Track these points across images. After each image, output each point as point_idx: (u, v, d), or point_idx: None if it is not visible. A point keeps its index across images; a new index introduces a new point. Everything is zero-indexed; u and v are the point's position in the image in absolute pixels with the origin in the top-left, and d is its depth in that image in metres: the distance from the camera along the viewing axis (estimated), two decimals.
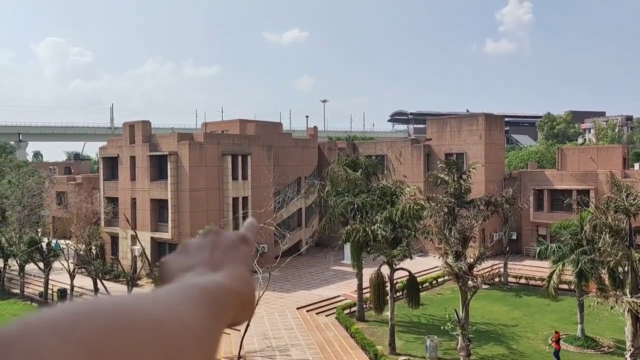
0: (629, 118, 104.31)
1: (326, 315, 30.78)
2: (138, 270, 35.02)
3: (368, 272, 28.14)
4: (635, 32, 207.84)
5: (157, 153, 39.67)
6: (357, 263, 29.81)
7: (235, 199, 39.76)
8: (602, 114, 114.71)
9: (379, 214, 27.99)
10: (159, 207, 39.98)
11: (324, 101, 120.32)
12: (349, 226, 28.91)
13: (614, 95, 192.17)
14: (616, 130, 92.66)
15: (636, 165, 49.01)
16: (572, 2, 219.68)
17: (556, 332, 24.92)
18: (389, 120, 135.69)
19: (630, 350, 21.40)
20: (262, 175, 40.37)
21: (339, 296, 33.71)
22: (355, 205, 30.15)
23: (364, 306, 30.43)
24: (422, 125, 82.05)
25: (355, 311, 30.68)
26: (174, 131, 56.39)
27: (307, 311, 31.11)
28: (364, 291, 30.03)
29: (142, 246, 33.66)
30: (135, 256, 38.23)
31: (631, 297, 20.71)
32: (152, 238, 39.47)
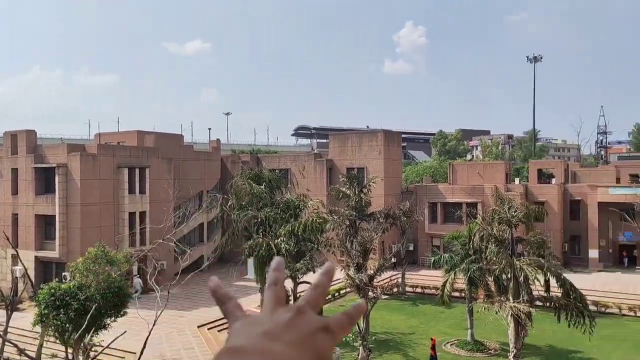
0: (510, 137, 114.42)
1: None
2: (19, 293, 31.83)
3: None
4: (515, 56, 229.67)
5: (44, 165, 36.64)
6: (261, 278, 29.51)
7: (132, 214, 37.74)
8: (488, 132, 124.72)
9: (282, 227, 28.00)
10: (44, 223, 36.86)
11: (228, 114, 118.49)
12: (252, 240, 28.59)
13: (498, 115, 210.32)
14: (499, 147, 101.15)
15: (516, 180, 53.76)
16: (461, 27, 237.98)
17: (432, 339, 26.19)
18: (292, 135, 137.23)
19: (513, 351, 23.17)
20: (161, 188, 38.76)
21: None
22: (259, 219, 29.94)
23: None
24: (325, 140, 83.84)
25: None
26: (63, 142, 52.44)
27: (208, 329, 30.15)
28: None
29: (24, 266, 30.68)
30: (17, 277, 34.76)
31: (513, 302, 22.49)
32: (36, 257, 36.21)
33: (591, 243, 44.67)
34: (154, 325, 19.82)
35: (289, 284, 26.94)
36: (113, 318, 20.97)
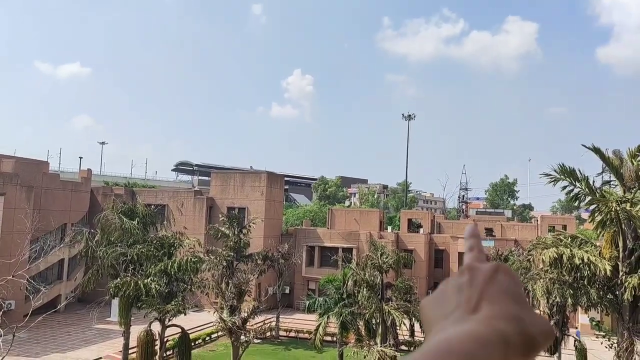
0: (385, 187, 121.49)
1: None
2: None
3: (137, 330, 26.01)
4: (392, 113, 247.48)
5: None
6: (125, 320, 27.35)
7: None
8: (365, 181, 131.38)
9: (154, 266, 26.47)
10: None
11: (103, 143, 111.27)
12: (119, 279, 26.58)
13: (375, 166, 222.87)
14: (375, 196, 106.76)
15: (389, 228, 56.80)
16: (346, 80, 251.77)
17: None
18: (173, 170, 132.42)
19: None
20: (17, 219, 34.82)
21: (100, 358, 30.24)
22: (129, 257, 28.04)
23: None
24: (207, 178, 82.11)
25: None
26: None
27: None
28: (131, 351, 27.55)
29: None
30: None
31: (380, 346, 23.27)
32: None
33: None
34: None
35: (156, 327, 25.28)
36: None
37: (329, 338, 29.94)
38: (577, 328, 39.98)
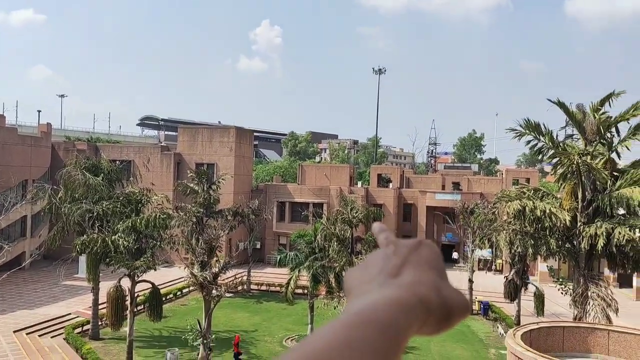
0: (356, 142, 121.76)
1: (52, 337, 27.16)
2: None
3: (106, 286, 25.91)
4: (363, 66, 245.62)
5: None
6: (94, 277, 27.19)
7: None
8: (336, 136, 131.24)
9: (121, 222, 26.12)
10: None
11: (62, 96, 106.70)
12: (85, 236, 26.19)
13: (346, 121, 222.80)
14: (346, 152, 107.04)
15: (359, 183, 57.32)
16: (316, 32, 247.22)
17: (236, 336, 26.36)
18: (138, 125, 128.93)
19: None
20: None
21: (69, 314, 30.16)
22: (95, 214, 27.57)
23: (100, 323, 27.88)
24: (173, 133, 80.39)
25: (88, 329, 27.86)
26: None
27: (27, 334, 26.90)
28: (101, 307, 27.53)
29: None
30: None
31: None
32: None
33: None
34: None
35: (125, 282, 25.21)
36: None
37: (300, 291, 30.51)
38: (534, 276, 41.81)
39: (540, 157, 24.74)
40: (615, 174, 22.27)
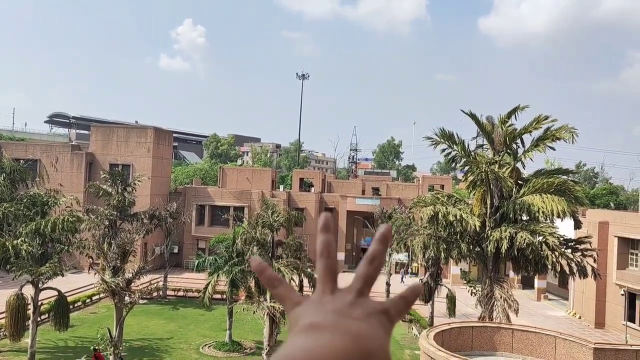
0: (278, 146, 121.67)
1: None
2: None
3: (6, 294, 23.92)
4: (286, 71, 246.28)
5: None
6: None
7: None
8: (258, 140, 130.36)
9: (24, 225, 24.26)
10: None
11: None
12: None
13: (268, 125, 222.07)
14: (268, 155, 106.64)
15: (281, 187, 57.31)
16: (240, 34, 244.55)
17: (95, 350, 22.77)
18: (46, 122, 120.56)
19: (266, 349, 24.40)
20: None
21: None
22: None
23: None
24: (86, 132, 76.00)
25: None
26: None
27: None
28: None
29: None
30: None
31: (270, 302, 23.74)
32: None
33: (339, 246, 50.26)
34: None
35: (29, 290, 23.43)
36: None
37: (218, 296, 29.89)
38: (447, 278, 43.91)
39: (453, 165, 26.06)
40: (520, 182, 23.96)
